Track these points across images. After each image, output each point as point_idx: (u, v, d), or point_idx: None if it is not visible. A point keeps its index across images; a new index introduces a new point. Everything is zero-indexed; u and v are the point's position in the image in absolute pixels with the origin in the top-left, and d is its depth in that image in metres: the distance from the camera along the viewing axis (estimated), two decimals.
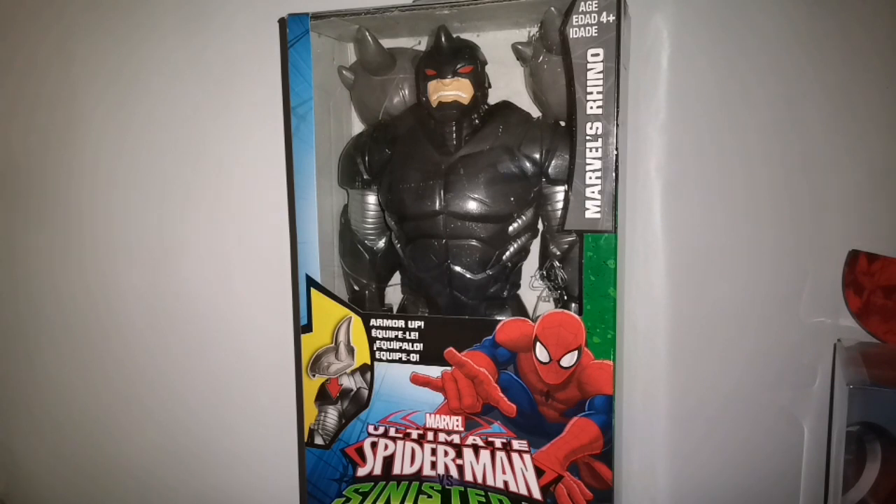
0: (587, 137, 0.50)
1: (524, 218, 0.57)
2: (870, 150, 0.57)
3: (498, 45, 0.59)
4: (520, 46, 0.56)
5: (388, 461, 0.59)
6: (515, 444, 0.55)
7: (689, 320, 0.63)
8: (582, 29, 0.49)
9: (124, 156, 0.80)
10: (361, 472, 0.60)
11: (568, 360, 0.53)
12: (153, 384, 0.83)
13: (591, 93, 0.49)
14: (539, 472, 0.55)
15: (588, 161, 0.50)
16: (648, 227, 0.63)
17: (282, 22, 0.70)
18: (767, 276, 0.61)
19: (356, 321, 0.58)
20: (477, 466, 0.57)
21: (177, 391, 0.82)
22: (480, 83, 0.56)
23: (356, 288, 0.64)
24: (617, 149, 0.50)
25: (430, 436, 0.57)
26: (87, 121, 0.82)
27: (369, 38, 0.56)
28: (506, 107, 0.58)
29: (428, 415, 0.57)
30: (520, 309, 0.60)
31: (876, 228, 0.58)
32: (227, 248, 0.77)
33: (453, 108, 0.55)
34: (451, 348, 0.55)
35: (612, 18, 0.48)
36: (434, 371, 0.56)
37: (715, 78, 0.60)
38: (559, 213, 0.55)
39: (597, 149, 0.50)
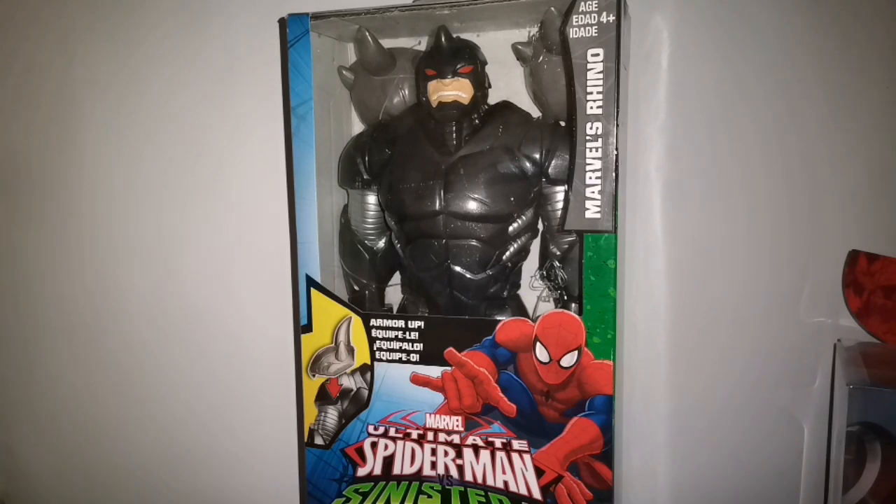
0: (587, 137, 0.50)
1: (524, 218, 0.57)
2: (870, 150, 0.57)
3: (498, 45, 0.59)
4: (520, 46, 0.56)
5: (388, 461, 0.59)
6: (515, 444, 0.55)
7: (689, 320, 0.63)
8: (582, 29, 0.49)
9: (124, 156, 0.80)
10: (361, 472, 0.60)
11: (568, 360, 0.53)
12: (153, 384, 0.83)
13: (591, 93, 0.49)
14: (539, 472, 0.55)
15: (588, 161, 0.50)
16: (648, 227, 0.63)
17: (282, 22, 0.70)
18: (767, 277, 0.61)
19: (356, 321, 0.58)
20: (477, 466, 0.57)
21: (177, 391, 0.82)
22: (480, 83, 0.56)
23: (356, 288, 0.64)
24: (617, 149, 0.50)
25: (430, 436, 0.57)
26: (87, 121, 0.81)
27: (369, 38, 0.56)
28: (506, 107, 0.58)
29: (428, 415, 0.57)
30: (520, 309, 0.60)
31: (876, 228, 0.58)
32: (227, 248, 0.77)
33: (453, 108, 0.55)
34: (451, 348, 0.55)
35: (612, 18, 0.48)
36: (434, 371, 0.56)
37: (715, 78, 0.60)
38: (559, 213, 0.55)
39: (597, 149, 0.50)
